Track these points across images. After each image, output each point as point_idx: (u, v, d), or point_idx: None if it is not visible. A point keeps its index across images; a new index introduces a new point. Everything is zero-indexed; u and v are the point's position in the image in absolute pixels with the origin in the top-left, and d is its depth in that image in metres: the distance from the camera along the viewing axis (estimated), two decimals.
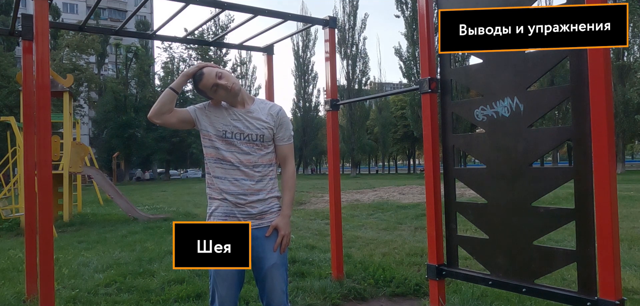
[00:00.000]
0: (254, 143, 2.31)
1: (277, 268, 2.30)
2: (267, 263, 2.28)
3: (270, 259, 2.28)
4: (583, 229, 2.69)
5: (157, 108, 2.26)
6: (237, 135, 2.29)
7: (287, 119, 2.45)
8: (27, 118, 4.31)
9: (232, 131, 2.30)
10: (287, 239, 2.32)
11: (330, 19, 4.64)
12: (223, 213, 2.29)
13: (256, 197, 2.29)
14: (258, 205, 2.30)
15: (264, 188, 2.32)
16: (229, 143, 2.29)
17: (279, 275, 2.31)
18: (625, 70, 29.28)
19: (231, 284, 2.28)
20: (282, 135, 2.39)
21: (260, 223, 2.30)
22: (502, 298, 3.68)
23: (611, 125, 2.53)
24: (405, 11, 38.90)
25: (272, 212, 2.34)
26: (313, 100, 53.39)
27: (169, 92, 2.27)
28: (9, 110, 26.11)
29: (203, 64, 2.32)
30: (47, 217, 3.38)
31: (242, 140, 2.29)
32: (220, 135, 2.29)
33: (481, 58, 3.20)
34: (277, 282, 2.30)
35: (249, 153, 2.29)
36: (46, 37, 3.41)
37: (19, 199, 9.66)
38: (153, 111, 2.27)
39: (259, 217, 2.30)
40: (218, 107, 2.34)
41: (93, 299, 4.10)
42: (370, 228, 8.40)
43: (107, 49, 49.26)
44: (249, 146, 2.30)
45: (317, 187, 21.50)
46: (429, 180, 3.51)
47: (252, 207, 2.28)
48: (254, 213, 2.29)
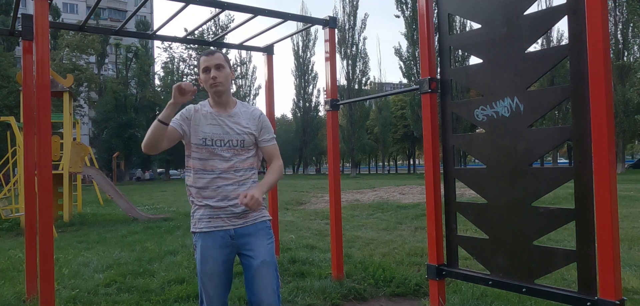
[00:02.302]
0: (234, 148, 2.31)
1: (267, 265, 2.25)
2: (256, 260, 2.25)
3: (259, 256, 2.26)
4: (583, 229, 2.69)
5: (150, 142, 2.22)
6: (217, 142, 2.29)
7: (268, 121, 2.46)
8: (27, 119, 4.30)
9: (211, 138, 2.29)
10: (253, 201, 2.13)
11: (330, 19, 4.64)
12: (208, 216, 2.30)
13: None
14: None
15: (246, 189, 2.30)
16: (209, 151, 2.29)
17: (268, 273, 2.25)
18: (625, 70, 29.30)
19: (218, 283, 2.27)
20: (266, 137, 2.41)
21: (244, 222, 2.30)
22: (502, 298, 3.68)
23: (611, 125, 2.53)
24: (405, 11, 38.93)
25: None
26: (313, 100, 53.47)
27: (159, 125, 2.20)
28: (9, 110, 26.10)
29: (177, 85, 2.18)
30: (47, 217, 3.38)
31: (223, 146, 2.29)
32: (200, 143, 2.29)
33: (481, 58, 3.20)
34: (267, 279, 2.24)
35: (230, 159, 2.29)
36: (46, 37, 3.41)
37: (19, 199, 9.66)
38: (146, 145, 2.24)
39: (243, 215, 2.31)
40: (197, 114, 2.33)
41: (93, 299, 4.10)
42: (370, 228, 8.40)
43: (107, 49, 49.26)
44: (229, 152, 2.30)
45: (317, 187, 21.50)
46: (429, 180, 3.51)
47: (236, 207, 2.28)
48: (237, 212, 2.29)
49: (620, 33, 30.89)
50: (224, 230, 2.29)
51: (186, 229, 8.50)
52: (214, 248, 2.28)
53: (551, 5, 17.79)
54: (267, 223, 2.39)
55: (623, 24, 30.82)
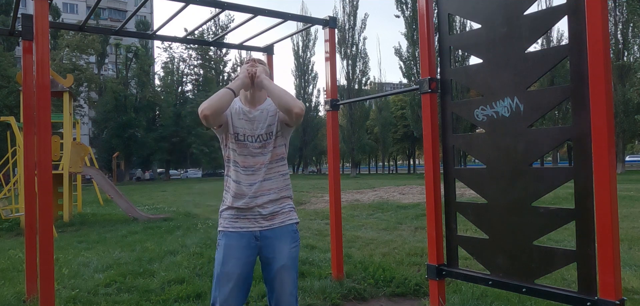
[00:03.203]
0: (264, 141, 2.31)
1: (287, 270, 2.26)
2: (277, 264, 2.26)
3: (279, 260, 2.26)
4: (583, 229, 2.69)
5: (216, 106, 2.14)
6: (248, 138, 2.30)
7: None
8: (27, 119, 4.30)
9: (243, 133, 2.30)
10: (255, 70, 2.27)
11: (330, 19, 4.64)
12: (235, 216, 2.29)
13: (267, 197, 2.28)
14: (269, 205, 2.29)
15: (275, 186, 2.31)
16: (241, 145, 2.30)
17: (288, 277, 2.26)
18: (625, 70, 29.28)
19: (236, 284, 2.22)
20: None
21: (271, 225, 2.29)
22: (502, 298, 3.68)
23: (611, 125, 2.53)
24: (405, 11, 38.91)
25: (284, 212, 2.32)
26: (313, 100, 53.46)
27: (229, 92, 2.18)
28: (9, 110, 26.12)
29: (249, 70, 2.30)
30: (47, 217, 3.38)
31: (254, 142, 2.30)
32: (234, 136, 2.31)
33: (481, 58, 3.20)
34: (287, 285, 2.26)
35: (260, 154, 2.29)
36: (46, 37, 3.41)
37: (19, 199, 9.66)
38: (210, 108, 2.12)
39: (270, 217, 2.29)
40: (235, 106, 2.34)
41: (93, 299, 4.10)
42: (370, 228, 8.40)
43: (107, 49, 49.26)
44: (259, 147, 2.30)
45: (317, 187, 21.50)
46: (429, 180, 3.51)
47: (263, 208, 2.27)
48: (265, 214, 2.28)
49: (620, 33, 30.87)
50: (250, 231, 2.28)
51: (186, 229, 8.51)
52: (238, 249, 2.25)
53: (551, 5, 17.79)
54: (293, 227, 2.36)
55: (623, 24, 30.81)
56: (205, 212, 12.47)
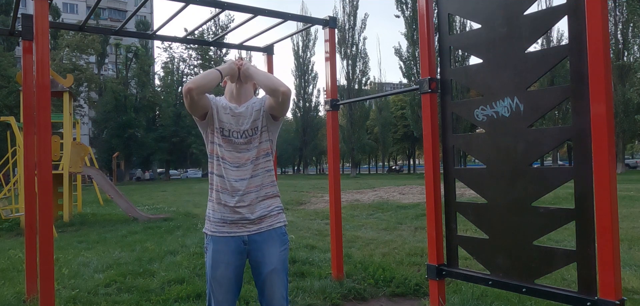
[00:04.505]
0: (250, 137, 2.30)
1: (277, 273, 2.26)
2: (266, 268, 2.25)
3: (269, 264, 2.25)
4: (583, 229, 2.69)
5: (201, 82, 2.16)
6: (233, 133, 2.29)
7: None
8: (27, 118, 4.30)
9: (229, 128, 2.29)
10: (243, 64, 2.32)
11: (330, 19, 4.64)
12: (221, 220, 2.27)
13: (255, 195, 2.26)
14: (257, 208, 2.26)
15: (261, 183, 2.28)
16: (226, 140, 2.28)
17: (278, 280, 2.26)
18: (625, 70, 29.29)
19: (228, 289, 2.25)
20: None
21: (259, 229, 2.27)
22: (502, 298, 3.68)
23: (611, 125, 2.53)
24: (405, 11, 38.93)
25: (272, 215, 2.30)
26: (313, 100, 53.45)
27: (215, 72, 2.21)
28: (9, 110, 26.12)
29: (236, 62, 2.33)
30: (47, 217, 3.38)
31: (239, 138, 2.29)
32: (219, 130, 2.29)
33: (481, 58, 3.20)
34: (277, 287, 2.26)
35: (246, 149, 2.28)
36: (46, 37, 3.41)
37: (19, 199, 9.66)
38: (197, 84, 2.13)
39: (258, 221, 2.27)
40: (221, 102, 2.34)
41: (93, 299, 4.10)
42: (370, 228, 8.40)
43: (107, 49, 49.26)
44: (245, 143, 2.29)
45: (317, 187, 21.50)
46: (429, 180, 3.51)
47: (251, 211, 2.25)
48: (252, 218, 2.25)
49: (620, 33, 30.88)
50: (237, 236, 2.26)
51: (186, 229, 8.50)
52: (226, 253, 2.24)
53: (551, 5, 17.78)
54: (282, 229, 2.34)
55: (623, 24, 30.82)
56: (205, 212, 12.42)
